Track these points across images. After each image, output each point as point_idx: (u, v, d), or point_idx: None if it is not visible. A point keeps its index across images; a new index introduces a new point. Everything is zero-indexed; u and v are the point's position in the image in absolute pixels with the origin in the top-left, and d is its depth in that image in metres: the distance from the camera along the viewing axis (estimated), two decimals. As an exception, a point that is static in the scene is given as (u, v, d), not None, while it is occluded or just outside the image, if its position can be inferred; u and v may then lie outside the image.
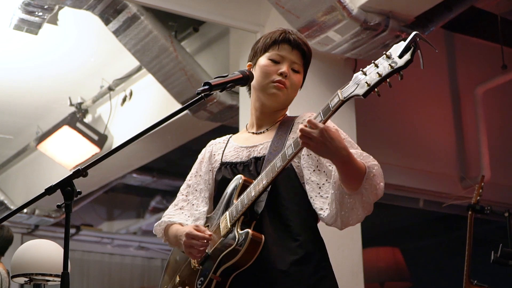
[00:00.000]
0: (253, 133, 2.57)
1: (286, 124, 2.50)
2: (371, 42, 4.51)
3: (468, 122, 6.61)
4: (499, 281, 4.99)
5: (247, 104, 5.31)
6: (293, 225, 2.32)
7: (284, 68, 2.47)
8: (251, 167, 2.44)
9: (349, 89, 2.09)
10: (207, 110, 5.59)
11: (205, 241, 2.34)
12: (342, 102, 2.11)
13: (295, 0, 4.35)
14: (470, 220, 4.52)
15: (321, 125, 2.13)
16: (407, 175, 6.14)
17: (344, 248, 4.55)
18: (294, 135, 2.30)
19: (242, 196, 2.34)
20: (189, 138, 6.65)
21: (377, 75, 2.01)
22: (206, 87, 2.30)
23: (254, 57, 2.57)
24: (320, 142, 2.13)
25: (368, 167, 2.23)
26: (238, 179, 2.41)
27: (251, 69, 2.54)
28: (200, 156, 2.69)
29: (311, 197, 2.34)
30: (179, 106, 5.47)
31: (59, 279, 2.08)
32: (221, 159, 2.56)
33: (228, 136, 2.69)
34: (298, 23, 4.48)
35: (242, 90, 5.22)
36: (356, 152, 2.27)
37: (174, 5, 4.89)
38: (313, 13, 4.35)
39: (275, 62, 2.49)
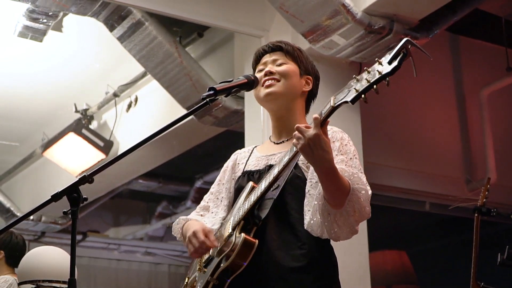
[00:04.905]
0: (274, 143, 2.58)
1: None
2: (375, 45, 4.50)
3: (474, 125, 6.60)
4: (506, 283, 4.98)
5: (252, 109, 5.34)
6: (300, 235, 2.32)
7: (266, 68, 2.53)
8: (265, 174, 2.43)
9: (341, 95, 2.09)
10: (212, 115, 5.59)
11: (204, 246, 2.33)
12: (333, 109, 2.12)
13: (299, 5, 4.35)
14: (477, 223, 4.50)
15: (316, 130, 2.12)
16: (413, 178, 6.14)
17: (350, 252, 4.54)
18: None
19: (245, 202, 2.37)
20: (194, 143, 6.65)
21: (366, 81, 2.00)
22: (211, 92, 2.32)
23: None
24: (307, 145, 2.12)
25: (353, 189, 2.20)
26: (249, 185, 2.43)
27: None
28: (224, 165, 2.71)
29: (305, 210, 2.32)
30: (184, 112, 5.42)
31: (66, 286, 2.08)
32: (244, 168, 2.58)
33: (252, 146, 2.71)
34: (302, 28, 4.48)
35: (248, 95, 5.24)
36: (348, 170, 2.24)
37: (179, 10, 4.90)
38: (317, 17, 4.35)
39: (261, 71, 2.55)
